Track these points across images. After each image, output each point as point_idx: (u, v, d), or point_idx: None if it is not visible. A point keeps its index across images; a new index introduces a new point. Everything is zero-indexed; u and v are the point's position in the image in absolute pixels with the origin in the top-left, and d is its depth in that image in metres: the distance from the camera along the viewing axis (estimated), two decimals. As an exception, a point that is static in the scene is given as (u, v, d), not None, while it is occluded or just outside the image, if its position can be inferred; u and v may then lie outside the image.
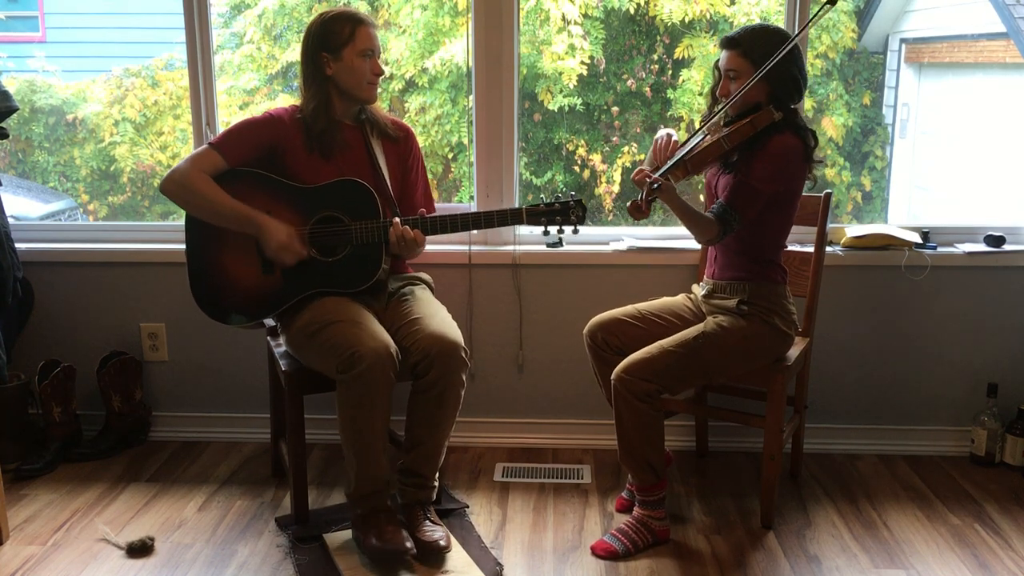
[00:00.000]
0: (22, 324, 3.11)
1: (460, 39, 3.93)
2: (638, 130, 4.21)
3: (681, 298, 2.66)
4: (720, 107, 2.40)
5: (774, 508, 2.56)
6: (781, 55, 2.26)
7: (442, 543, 2.33)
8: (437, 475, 2.46)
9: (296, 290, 2.43)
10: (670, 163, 2.30)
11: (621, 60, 4.20)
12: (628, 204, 2.27)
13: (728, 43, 2.38)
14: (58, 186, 4.56)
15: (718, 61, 2.44)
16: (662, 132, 2.49)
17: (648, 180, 2.24)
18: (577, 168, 4.20)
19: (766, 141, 2.33)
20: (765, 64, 2.27)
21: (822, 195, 2.67)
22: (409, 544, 2.28)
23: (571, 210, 2.40)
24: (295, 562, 2.36)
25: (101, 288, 3.11)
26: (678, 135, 2.48)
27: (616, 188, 4.17)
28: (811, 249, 2.70)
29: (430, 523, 2.39)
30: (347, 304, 2.38)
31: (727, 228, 2.33)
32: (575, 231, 2.44)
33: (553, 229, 2.43)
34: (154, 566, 2.36)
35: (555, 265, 3.00)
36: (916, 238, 2.94)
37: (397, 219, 2.38)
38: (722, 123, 2.42)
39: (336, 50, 2.39)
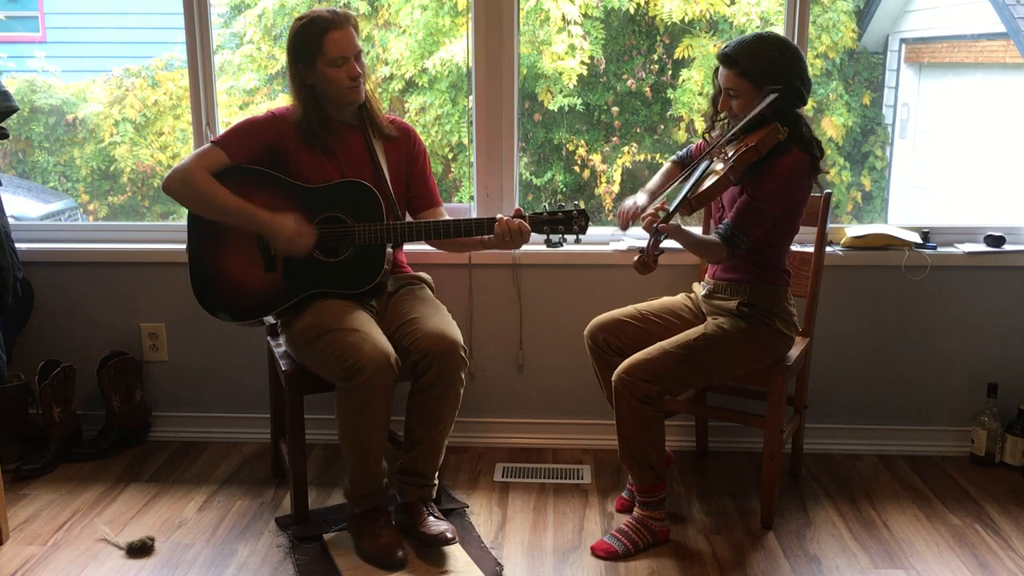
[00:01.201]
0: (22, 324, 3.11)
1: (460, 39, 3.93)
2: (638, 130, 4.21)
3: (681, 298, 2.66)
4: (717, 143, 2.37)
5: (774, 508, 2.56)
6: (766, 104, 2.24)
7: (449, 535, 2.33)
8: (437, 474, 2.46)
9: (298, 289, 2.43)
10: (675, 204, 2.25)
11: (621, 60, 4.20)
12: (634, 261, 2.19)
13: (725, 60, 2.34)
14: (58, 186, 4.56)
15: (717, 71, 2.41)
16: (629, 202, 2.46)
17: (654, 226, 2.18)
18: (577, 168, 4.20)
19: (773, 162, 2.29)
20: (761, 100, 2.25)
21: (822, 195, 2.66)
22: (401, 554, 2.30)
23: (574, 219, 2.40)
24: (295, 562, 2.36)
25: (101, 288, 3.11)
26: (645, 199, 2.46)
27: (616, 188, 4.17)
28: (811, 249, 2.70)
29: (434, 518, 2.40)
30: (348, 308, 2.37)
31: (735, 249, 2.32)
32: (577, 240, 2.44)
33: (555, 237, 2.43)
34: (154, 566, 2.36)
35: (555, 265, 3.00)
36: (916, 238, 2.94)
37: (502, 215, 2.36)
38: (727, 140, 2.36)
39: (309, 61, 2.38)
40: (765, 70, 2.28)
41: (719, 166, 2.29)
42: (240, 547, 2.45)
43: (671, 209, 2.24)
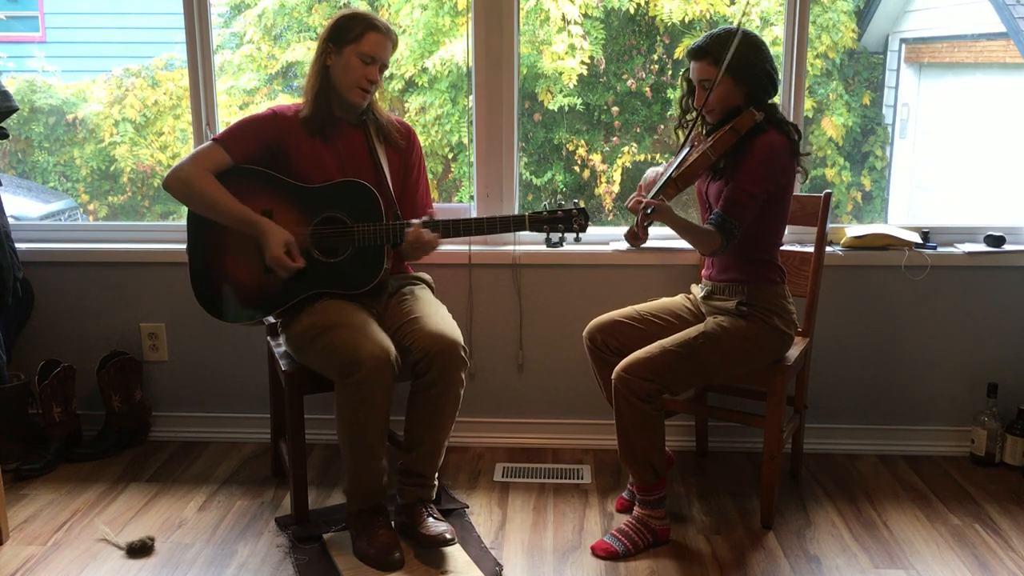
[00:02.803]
0: (22, 324, 3.11)
1: (460, 39, 3.93)
2: (638, 130, 4.21)
3: (680, 298, 2.66)
4: (695, 117, 2.41)
5: (774, 508, 2.56)
6: (733, 51, 2.27)
7: (447, 536, 2.32)
8: (437, 474, 2.46)
9: (297, 290, 2.43)
10: (659, 183, 2.29)
11: (621, 60, 4.20)
12: (625, 232, 2.26)
13: (697, 54, 2.37)
14: (58, 186, 4.56)
15: (686, 72, 2.45)
16: (651, 171, 2.49)
17: (642, 205, 2.24)
18: (577, 168, 4.20)
19: (751, 144, 2.33)
20: (724, 62, 2.28)
21: (822, 195, 2.67)
22: (397, 556, 2.30)
23: (574, 218, 2.41)
24: (295, 562, 2.36)
25: (101, 288, 3.11)
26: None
27: (616, 188, 4.17)
28: (811, 249, 2.70)
29: (433, 519, 2.39)
30: (348, 307, 2.38)
31: (729, 237, 2.32)
32: (577, 239, 2.45)
33: (555, 236, 2.44)
34: (154, 566, 2.36)
35: (555, 265, 3.00)
36: (916, 238, 2.94)
37: (416, 220, 2.39)
38: (704, 132, 2.42)
39: (340, 44, 2.41)
40: (736, 55, 2.30)
41: (697, 148, 2.34)
42: (240, 547, 2.45)
43: (656, 188, 2.28)
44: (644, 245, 2.94)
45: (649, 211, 2.22)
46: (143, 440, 3.14)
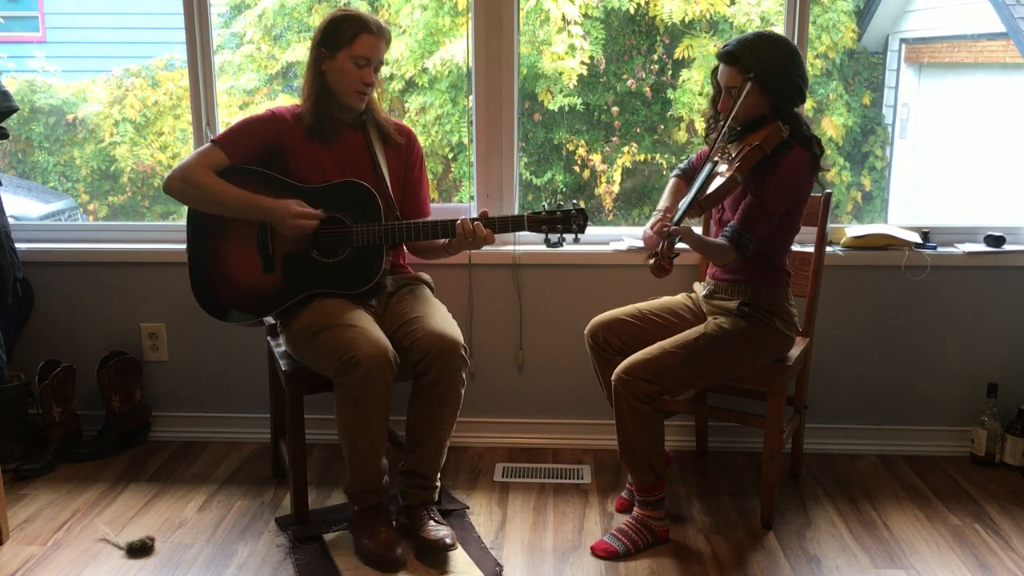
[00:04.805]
0: (22, 324, 3.11)
1: (460, 39, 3.93)
2: (638, 130, 4.21)
3: (681, 297, 2.66)
4: (717, 143, 2.34)
5: (774, 508, 2.56)
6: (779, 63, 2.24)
7: (448, 540, 2.33)
8: (439, 475, 2.46)
9: (296, 290, 2.44)
10: (684, 206, 2.24)
11: (621, 60, 4.20)
12: (651, 264, 2.13)
13: (727, 58, 2.33)
14: (58, 186, 4.56)
15: (716, 71, 2.41)
16: (648, 228, 2.38)
17: (666, 230, 2.14)
18: (577, 168, 4.20)
19: (777, 161, 2.30)
20: (761, 78, 2.24)
21: (822, 195, 2.67)
22: (399, 553, 2.29)
23: (573, 219, 2.40)
24: (295, 562, 2.36)
25: (101, 288, 3.11)
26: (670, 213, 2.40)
27: (616, 188, 4.17)
28: (811, 249, 2.70)
29: (434, 522, 2.40)
30: (346, 306, 2.38)
31: (743, 251, 2.32)
32: (576, 239, 2.44)
33: (554, 237, 2.44)
34: (154, 566, 2.36)
35: (555, 265, 3.00)
36: (916, 238, 2.94)
37: (465, 217, 2.40)
38: (728, 139, 2.36)
39: (333, 48, 2.40)
40: (766, 66, 2.28)
41: (723, 167, 2.29)
42: (240, 547, 2.45)
43: (680, 211, 2.24)
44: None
45: (676, 240, 2.16)
46: (143, 440, 3.14)
